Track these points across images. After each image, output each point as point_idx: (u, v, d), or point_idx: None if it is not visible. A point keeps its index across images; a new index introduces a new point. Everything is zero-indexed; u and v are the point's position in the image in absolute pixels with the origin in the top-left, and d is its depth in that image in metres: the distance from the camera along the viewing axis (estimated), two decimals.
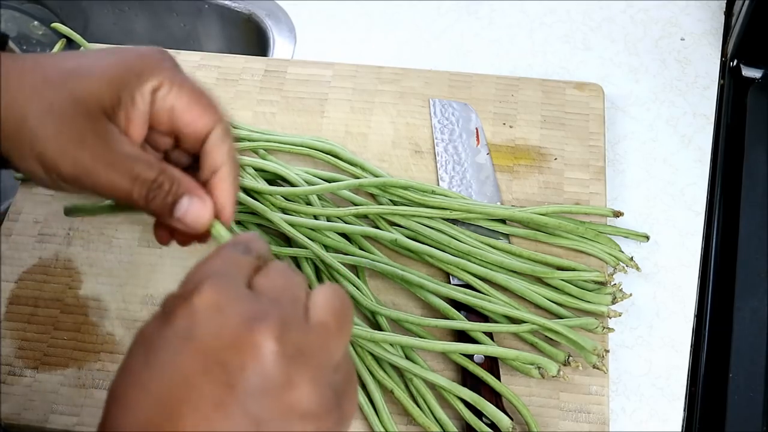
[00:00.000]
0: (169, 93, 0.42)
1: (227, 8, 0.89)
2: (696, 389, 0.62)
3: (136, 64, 0.42)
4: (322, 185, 0.67)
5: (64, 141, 0.40)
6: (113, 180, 0.40)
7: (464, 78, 0.77)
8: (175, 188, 0.41)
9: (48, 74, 0.41)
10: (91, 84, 0.41)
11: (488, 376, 0.58)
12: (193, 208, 0.41)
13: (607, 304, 0.62)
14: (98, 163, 0.40)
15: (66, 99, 0.40)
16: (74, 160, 0.40)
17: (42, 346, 0.63)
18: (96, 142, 0.40)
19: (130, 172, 0.40)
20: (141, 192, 0.41)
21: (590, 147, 0.72)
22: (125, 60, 0.42)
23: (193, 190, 0.42)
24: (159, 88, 0.42)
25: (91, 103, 0.40)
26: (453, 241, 0.64)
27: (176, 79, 0.42)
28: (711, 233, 0.69)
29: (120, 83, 0.41)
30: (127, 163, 0.40)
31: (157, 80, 0.42)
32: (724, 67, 0.79)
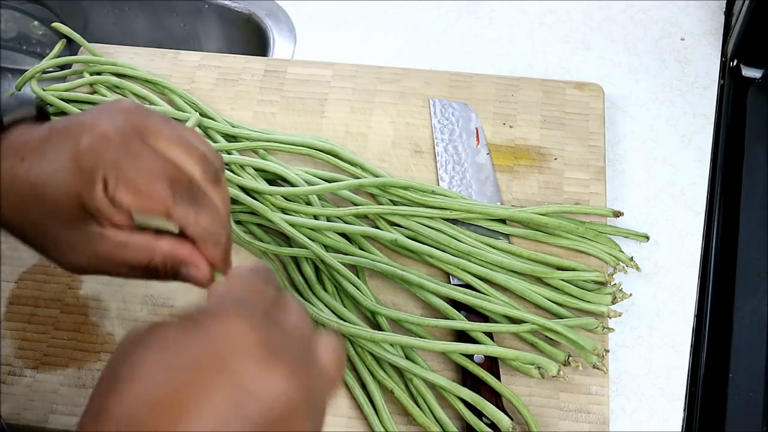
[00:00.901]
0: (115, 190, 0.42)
1: (227, 8, 0.89)
2: (696, 389, 0.62)
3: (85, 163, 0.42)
4: (322, 185, 0.67)
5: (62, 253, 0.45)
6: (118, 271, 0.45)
7: (464, 78, 0.77)
8: (170, 264, 0.44)
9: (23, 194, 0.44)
10: (57, 203, 0.43)
11: (488, 376, 0.58)
12: (192, 275, 0.45)
13: (607, 304, 0.62)
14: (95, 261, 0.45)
15: (46, 217, 0.44)
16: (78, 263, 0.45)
17: (42, 346, 0.63)
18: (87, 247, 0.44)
19: (125, 263, 0.44)
20: (143, 274, 0.45)
21: (590, 147, 0.72)
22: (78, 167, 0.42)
23: (187, 260, 0.44)
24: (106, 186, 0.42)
25: (66, 216, 0.43)
26: (453, 241, 0.64)
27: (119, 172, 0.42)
28: (711, 233, 0.69)
29: (78, 193, 0.42)
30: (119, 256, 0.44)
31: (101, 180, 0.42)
32: (724, 67, 0.79)
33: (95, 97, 0.75)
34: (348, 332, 0.60)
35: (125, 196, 0.42)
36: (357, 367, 0.60)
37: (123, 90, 0.76)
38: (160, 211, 0.42)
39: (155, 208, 0.42)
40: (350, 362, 0.61)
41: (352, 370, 0.61)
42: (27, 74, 0.77)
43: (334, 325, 0.61)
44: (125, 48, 0.80)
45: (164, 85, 0.76)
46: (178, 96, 0.75)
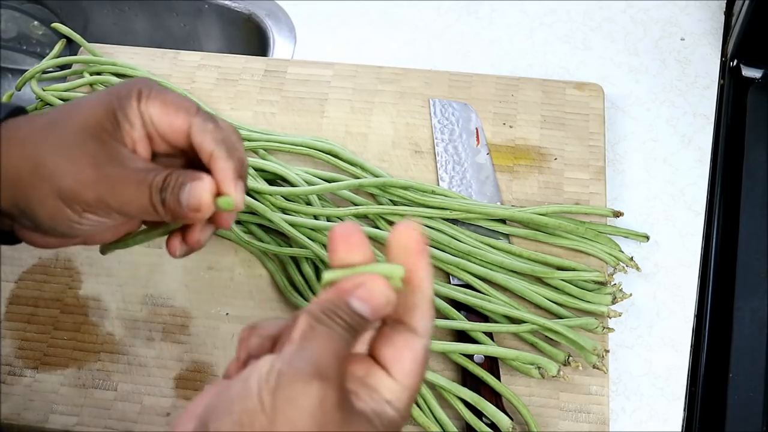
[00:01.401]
0: (146, 104, 0.44)
1: (227, 8, 0.89)
2: (696, 389, 0.62)
3: (120, 88, 0.45)
4: (322, 185, 0.67)
5: (81, 168, 0.42)
6: (133, 193, 0.43)
7: (464, 78, 0.77)
8: (180, 180, 0.43)
9: (52, 116, 0.45)
10: (91, 113, 0.44)
11: (488, 376, 0.58)
12: (194, 191, 0.43)
13: (607, 304, 0.62)
14: (116, 180, 0.43)
15: (73, 131, 0.43)
16: (94, 183, 0.42)
17: (42, 346, 0.63)
18: (109, 161, 0.43)
19: (144, 181, 0.43)
20: (157, 197, 0.43)
21: (590, 147, 0.72)
22: (112, 89, 0.45)
23: (193, 175, 0.43)
24: (139, 100, 0.44)
25: (95, 129, 0.43)
26: (453, 241, 0.64)
27: (149, 91, 0.45)
28: (711, 233, 0.69)
29: (113, 107, 0.44)
30: (140, 175, 0.43)
31: (136, 94, 0.44)
32: (724, 67, 0.79)
33: None
34: None
35: (154, 107, 0.44)
36: None
37: None
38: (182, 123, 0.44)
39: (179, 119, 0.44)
40: None
41: None
42: (27, 74, 0.77)
43: None
44: (125, 48, 0.80)
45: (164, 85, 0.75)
46: None
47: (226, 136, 0.45)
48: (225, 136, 0.44)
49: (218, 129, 0.44)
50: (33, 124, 0.45)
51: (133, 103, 0.44)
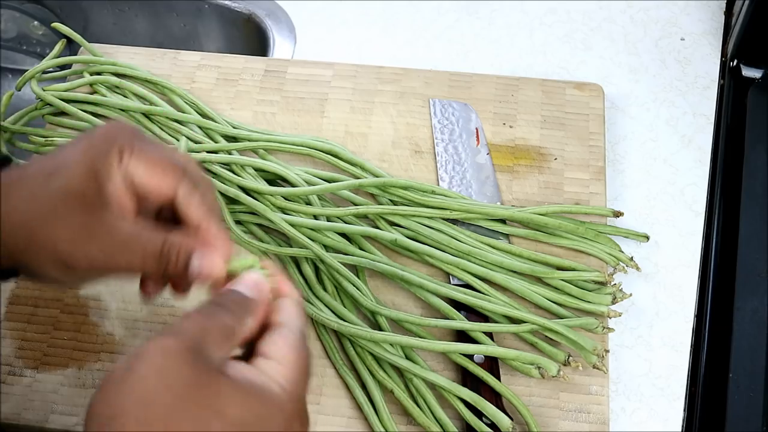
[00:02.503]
0: (129, 163, 0.44)
1: (227, 8, 0.89)
2: (696, 389, 0.62)
3: (99, 144, 0.44)
4: (322, 185, 0.67)
5: (71, 240, 0.42)
6: (126, 261, 0.43)
7: (464, 78, 0.77)
8: (182, 252, 0.44)
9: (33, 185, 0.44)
10: (72, 180, 0.43)
11: (488, 376, 0.58)
12: (206, 263, 0.44)
13: (607, 304, 0.62)
14: (108, 250, 0.43)
15: (57, 202, 0.43)
16: (86, 255, 0.43)
17: (42, 346, 0.63)
18: (99, 232, 0.43)
19: (138, 250, 0.43)
20: (153, 265, 0.43)
21: (590, 147, 0.72)
22: (91, 145, 0.44)
23: (197, 247, 0.44)
24: (121, 158, 0.44)
25: (79, 197, 0.43)
26: (453, 241, 0.64)
27: (133, 147, 0.44)
28: (711, 233, 0.69)
29: (94, 169, 0.43)
30: (133, 243, 0.43)
31: (117, 152, 0.44)
32: (724, 67, 0.79)
33: (95, 97, 0.75)
34: (348, 332, 0.60)
35: (138, 168, 0.44)
36: (357, 367, 0.60)
37: (123, 90, 0.76)
38: (168, 186, 0.44)
39: (166, 182, 0.44)
40: (350, 362, 0.61)
41: (352, 370, 0.61)
42: (27, 74, 0.77)
43: (334, 325, 0.61)
44: (125, 48, 0.80)
45: (164, 85, 0.76)
46: (178, 96, 0.75)
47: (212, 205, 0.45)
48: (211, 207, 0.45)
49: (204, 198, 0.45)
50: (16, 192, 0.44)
51: (115, 163, 0.43)
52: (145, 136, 0.46)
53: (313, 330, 0.63)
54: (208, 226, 0.45)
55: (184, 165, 0.45)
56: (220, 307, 0.40)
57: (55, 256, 0.43)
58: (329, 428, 0.59)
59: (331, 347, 0.61)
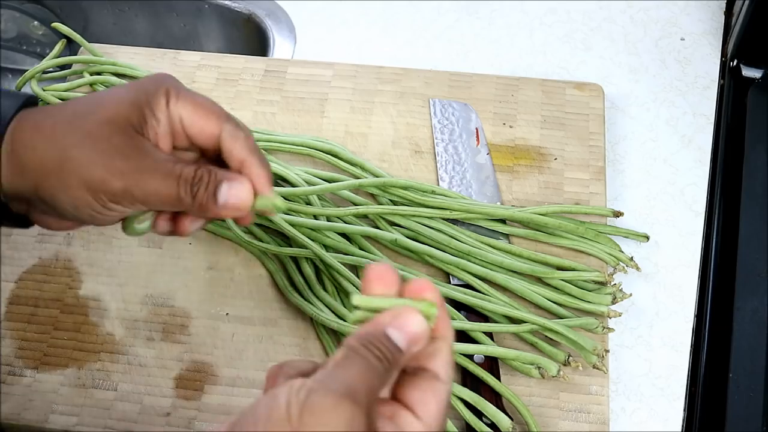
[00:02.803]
0: (176, 104, 0.45)
1: (227, 8, 0.89)
2: (696, 389, 0.62)
3: (147, 84, 0.46)
4: (322, 185, 0.67)
5: (108, 158, 0.43)
6: (160, 184, 0.43)
7: (464, 78, 0.77)
8: (214, 177, 0.44)
9: (77, 108, 0.45)
10: (118, 107, 0.44)
11: (488, 376, 0.58)
12: (234, 191, 0.44)
13: (607, 304, 0.62)
14: (143, 171, 0.43)
15: (100, 124, 0.44)
16: (122, 174, 0.43)
17: (42, 346, 0.63)
18: (137, 153, 0.44)
19: (172, 173, 0.44)
20: (186, 190, 0.44)
21: (590, 147, 0.72)
22: (138, 84, 0.46)
23: (229, 175, 0.45)
24: (168, 99, 0.45)
25: (122, 123, 0.44)
26: (453, 241, 0.64)
27: (180, 91, 0.46)
28: (711, 233, 0.69)
29: (140, 102, 0.45)
30: (168, 166, 0.44)
31: (165, 92, 0.45)
32: (724, 67, 0.79)
33: None
34: (348, 332, 0.60)
35: (185, 108, 0.45)
36: None
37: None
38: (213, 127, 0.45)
39: (210, 123, 0.45)
40: None
41: None
42: (27, 74, 0.77)
43: (334, 325, 0.61)
44: (125, 48, 0.80)
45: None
46: None
47: (255, 144, 0.46)
48: (255, 145, 0.46)
49: (249, 137, 0.46)
50: (57, 116, 0.45)
51: (162, 101, 0.45)
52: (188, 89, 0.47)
53: (313, 330, 0.63)
54: (251, 161, 0.45)
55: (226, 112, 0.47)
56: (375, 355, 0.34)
57: (86, 176, 0.43)
58: None
59: (331, 347, 0.61)
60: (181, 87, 0.46)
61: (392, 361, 0.35)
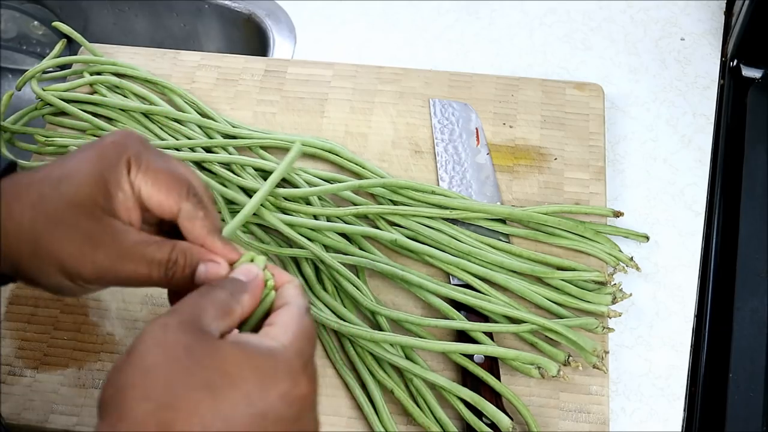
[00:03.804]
0: (137, 176, 0.44)
1: (227, 8, 0.89)
2: (696, 389, 0.62)
3: (109, 153, 0.44)
4: (322, 187, 0.67)
5: (78, 247, 0.42)
6: (133, 270, 0.43)
7: (464, 78, 0.77)
8: (189, 260, 0.44)
9: (42, 190, 0.43)
10: (82, 187, 0.43)
11: (488, 376, 0.58)
12: (212, 272, 0.44)
13: (607, 304, 0.62)
14: (115, 258, 0.43)
15: (65, 208, 0.43)
16: (93, 263, 0.42)
17: (42, 346, 0.63)
18: (106, 239, 0.43)
19: (144, 258, 0.43)
20: (160, 273, 0.43)
21: (590, 147, 0.72)
22: (102, 153, 0.44)
23: (204, 256, 0.44)
24: (129, 170, 0.44)
25: (88, 205, 0.43)
26: (453, 241, 0.64)
27: (141, 161, 0.44)
28: (711, 233, 0.69)
29: (104, 178, 0.43)
30: (140, 251, 0.43)
31: (126, 163, 0.44)
32: (724, 67, 0.79)
33: (95, 97, 0.75)
34: (348, 332, 0.60)
35: (145, 184, 0.44)
36: (357, 367, 0.60)
37: (123, 90, 0.76)
38: (172, 206, 0.44)
39: (169, 201, 0.44)
40: (350, 362, 0.61)
41: (352, 370, 0.61)
42: (27, 74, 0.77)
43: (335, 325, 0.61)
44: (125, 48, 0.80)
45: (164, 85, 0.76)
46: (178, 96, 0.75)
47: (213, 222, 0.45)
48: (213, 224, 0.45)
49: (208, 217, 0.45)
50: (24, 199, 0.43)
51: (124, 172, 0.44)
52: (152, 147, 0.46)
53: None
54: (212, 244, 0.45)
55: (189, 181, 0.45)
56: (214, 286, 0.41)
57: (60, 263, 0.43)
58: (329, 428, 0.59)
59: (331, 347, 0.61)
60: (142, 154, 0.44)
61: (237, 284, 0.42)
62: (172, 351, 0.36)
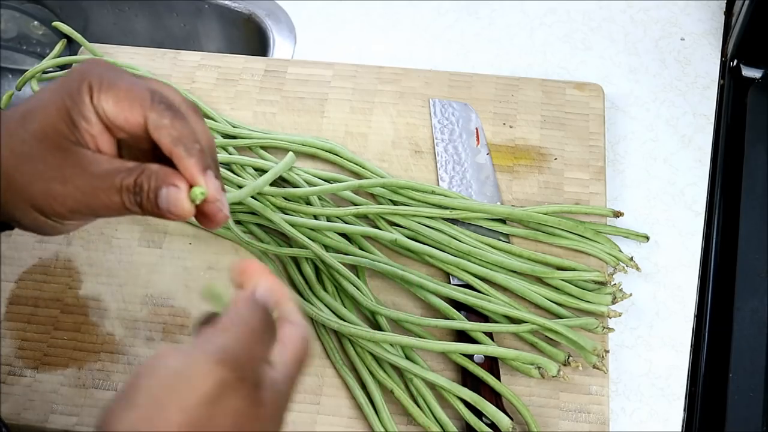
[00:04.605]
0: (98, 98, 0.42)
1: (227, 8, 0.89)
2: (696, 389, 0.62)
3: (70, 82, 0.42)
4: (322, 186, 0.67)
5: (47, 183, 0.41)
6: (104, 199, 0.42)
7: (464, 78, 0.77)
8: (153, 183, 0.42)
9: (9, 126, 0.42)
10: (46, 120, 0.42)
11: (488, 376, 0.58)
12: (171, 197, 0.42)
13: (607, 304, 0.62)
14: (87, 190, 0.41)
15: (32, 143, 0.41)
16: (64, 198, 0.41)
17: (42, 346, 0.63)
18: (75, 172, 0.41)
19: (114, 186, 0.41)
20: (130, 200, 0.42)
21: (590, 147, 0.72)
22: (63, 83, 0.43)
23: (167, 179, 0.42)
24: (92, 95, 0.42)
25: (53, 136, 0.41)
26: (453, 241, 0.64)
27: (100, 83, 0.42)
28: (711, 233, 0.69)
29: (66, 106, 0.42)
30: (109, 180, 0.42)
31: (88, 88, 0.42)
32: (724, 67, 0.79)
33: None
34: (348, 332, 0.60)
35: (107, 102, 0.42)
36: (357, 367, 0.60)
37: None
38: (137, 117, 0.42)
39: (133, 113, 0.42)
40: (350, 362, 0.61)
41: (352, 370, 0.61)
42: (27, 74, 0.77)
43: (335, 325, 0.61)
44: (125, 48, 0.80)
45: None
46: None
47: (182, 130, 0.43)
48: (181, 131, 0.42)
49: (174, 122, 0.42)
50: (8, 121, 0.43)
51: (86, 99, 0.42)
52: (118, 69, 0.44)
53: (313, 330, 0.63)
54: (177, 153, 0.42)
55: (152, 91, 0.43)
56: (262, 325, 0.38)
57: (31, 200, 0.42)
58: (329, 428, 0.59)
59: (331, 347, 0.61)
60: (104, 76, 0.42)
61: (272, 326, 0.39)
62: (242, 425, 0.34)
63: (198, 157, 0.42)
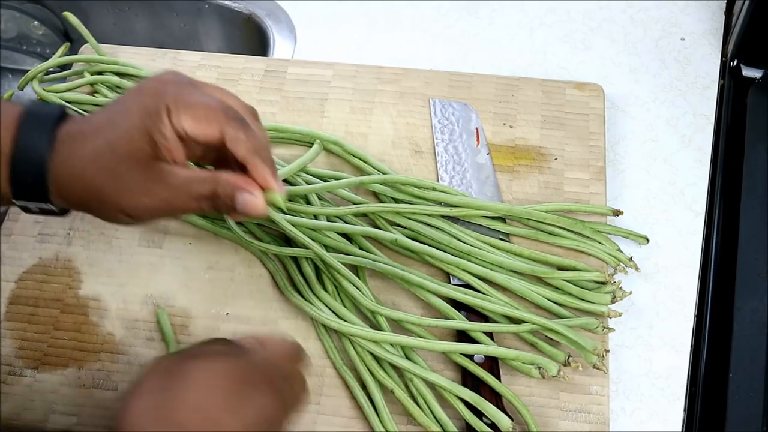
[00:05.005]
0: (177, 118, 0.47)
1: (227, 8, 0.89)
2: (696, 389, 0.62)
3: (149, 105, 0.47)
4: (322, 184, 0.67)
5: (134, 196, 0.47)
6: (183, 206, 0.48)
7: (464, 78, 0.77)
8: (229, 191, 0.47)
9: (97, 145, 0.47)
10: (131, 141, 0.47)
11: (488, 376, 0.58)
12: (249, 202, 0.48)
13: (607, 303, 0.62)
14: (167, 198, 0.47)
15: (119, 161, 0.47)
16: (147, 208, 0.47)
17: (42, 346, 0.63)
18: (157, 186, 0.47)
19: (191, 195, 0.47)
20: (207, 205, 0.48)
21: (590, 147, 0.72)
22: (143, 106, 0.47)
23: (243, 187, 0.48)
24: (170, 116, 0.47)
25: (138, 156, 0.47)
26: (453, 241, 0.64)
27: (179, 104, 0.47)
28: (711, 233, 0.69)
29: (148, 129, 0.47)
30: (186, 189, 0.47)
31: (166, 110, 0.47)
32: (724, 67, 0.79)
33: (97, 98, 0.75)
34: (348, 332, 0.60)
35: (186, 121, 0.47)
36: (357, 367, 0.60)
37: (124, 90, 0.76)
38: (215, 132, 0.48)
39: (211, 129, 0.47)
40: (350, 362, 0.61)
41: (352, 370, 0.61)
42: (29, 74, 0.77)
43: (334, 325, 0.61)
44: (126, 48, 0.80)
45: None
46: None
47: (255, 142, 0.48)
48: (255, 144, 0.48)
49: (249, 137, 0.48)
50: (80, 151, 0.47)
51: (165, 120, 0.47)
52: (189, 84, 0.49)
53: (313, 330, 0.63)
54: (253, 163, 0.48)
55: (225, 106, 0.48)
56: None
57: (121, 209, 0.47)
58: (329, 428, 0.59)
59: (331, 347, 0.61)
60: (179, 95, 0.48)
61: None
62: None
63: (269, 164, 0.49)
